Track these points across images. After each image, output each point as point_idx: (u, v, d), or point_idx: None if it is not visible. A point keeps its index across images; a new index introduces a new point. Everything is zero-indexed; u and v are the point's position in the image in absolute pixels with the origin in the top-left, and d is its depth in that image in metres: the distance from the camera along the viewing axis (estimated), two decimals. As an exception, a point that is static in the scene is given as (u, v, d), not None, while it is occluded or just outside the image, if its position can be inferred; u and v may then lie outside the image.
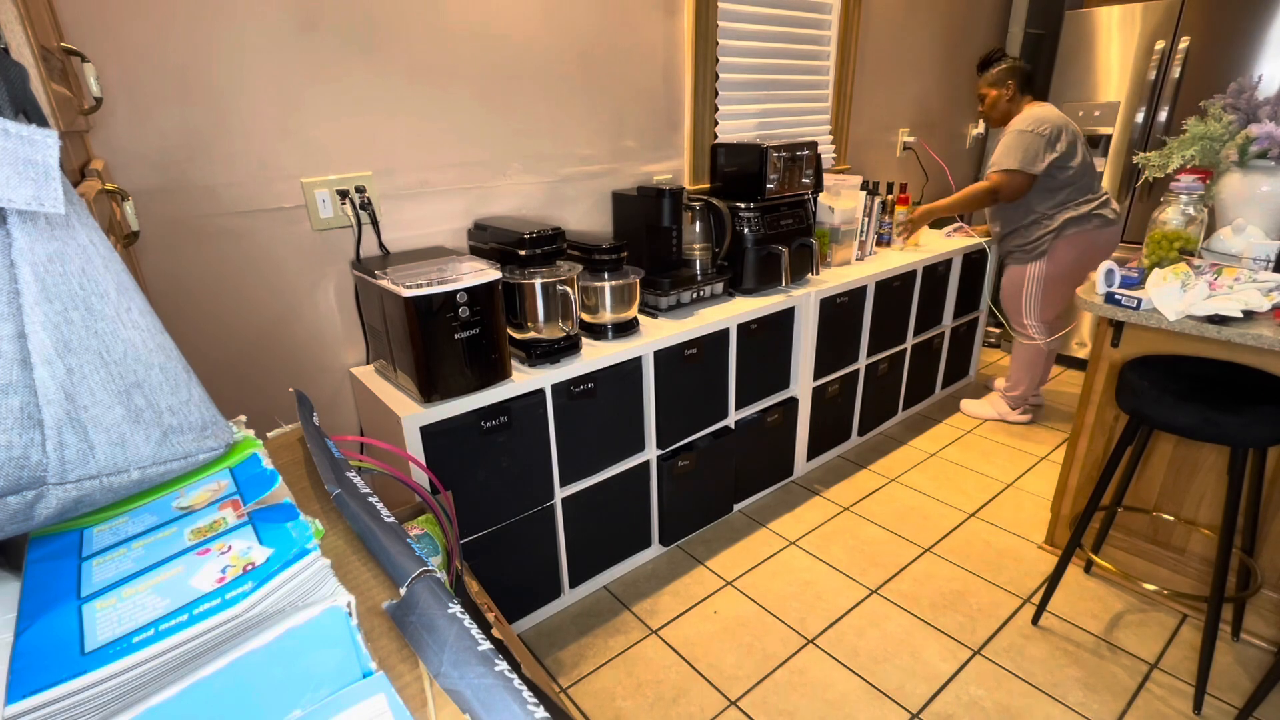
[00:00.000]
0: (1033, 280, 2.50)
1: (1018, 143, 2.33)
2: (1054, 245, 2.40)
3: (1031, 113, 2.34)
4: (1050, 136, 2.29)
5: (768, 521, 2.21)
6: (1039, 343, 2.57)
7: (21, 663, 0.37)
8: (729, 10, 2.21)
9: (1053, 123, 2.30)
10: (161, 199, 1.37)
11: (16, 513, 0.43)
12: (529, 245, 1.57)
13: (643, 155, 2.17)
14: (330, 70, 1.50)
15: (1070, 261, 2.41)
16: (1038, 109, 2.36)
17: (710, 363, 1.93)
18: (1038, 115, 2.32)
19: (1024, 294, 2.53)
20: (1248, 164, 1.66)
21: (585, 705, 1.55)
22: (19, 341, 0.41)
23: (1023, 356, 2.64)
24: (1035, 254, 2.46)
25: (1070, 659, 1.63)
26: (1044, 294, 2.50)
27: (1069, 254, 2.40)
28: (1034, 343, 2.58)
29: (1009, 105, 2.44)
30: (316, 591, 0.43)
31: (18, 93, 0.51)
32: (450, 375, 1.41)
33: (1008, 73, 2.41)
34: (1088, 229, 2.36)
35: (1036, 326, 2.56)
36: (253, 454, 0.59)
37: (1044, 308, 2.53)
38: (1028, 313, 2.56)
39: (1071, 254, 2.40)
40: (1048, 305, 2.53)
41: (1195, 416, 1.35)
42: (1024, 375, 2.68)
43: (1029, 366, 2.65)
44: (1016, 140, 2.33)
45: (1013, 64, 2.41)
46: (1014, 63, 2.41)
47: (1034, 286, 2.50)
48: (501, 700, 0.37)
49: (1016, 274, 2.54)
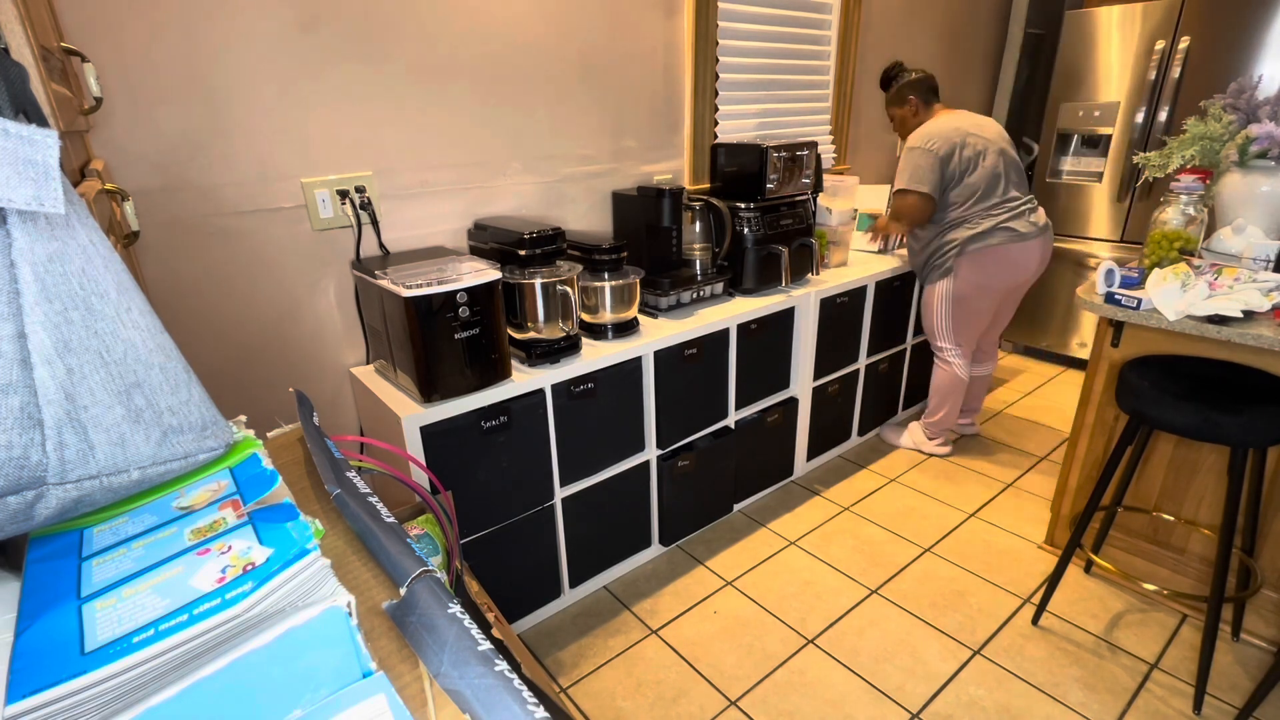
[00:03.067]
0: (943, 299, 2.31)
1: (906, 161, 2.17)
2: (958, 263, 2.22)
3: (924, 128, 2.17)
4: (941, 152, 2.11)
5: (768, 521, 2.21)
6: (954, 369, 2.39)
7: (21, 663, 0.37)
8: (729, 10, 2.21)
9: (943, 136, 2.11)
10: (161, 199, 1.37)
11: (16, 513, 0.43)
12: (529, 245, 1.57)
13: (643, 155, 2.17)
14: (330, 70, 1.50)
15: (977, 280, 2.22)
16: (932, 123, 2.18)
17: (710, 363, 1.93)
18: (928, 131, 2.15)
19: (935, 314, 2.35)
20: (1248, 164, 1.66)
21: (585, 705, 1.55)
22: (19, 341, 0.41)
23: (939, 381, 2.44)
24: (942, 271, 2.27)
25: (1070, 659, 1.63)
26: (955, 314, 2.31)
27: (975, 272, 2.21)
28: (950, 367, 2.40)
29: (916, 120, 2.26)
30: (316, 591, 0.43)
31: (18, 93, 0.51)
32: (450, 375, 1.41)
33: (907, 89, 2.25)
34: (991, 244, 2.15)
35: (952, 350, 2.37)
36: (253, 454, 0.59)
37: (957, 329, 2.34)
38: (942, 334, 2.37)
39: (978, 272, 2.20)
40: (961, 326, 2.33)
41: (1195, 416, 1.35)
42: (943, 402, 2.46)
43: (948, 393, 2.44)
44: (906, 159, 2.17)
45: (909, 78, 2.25)
46: (910, 76, 2.25)
47: (944, 306, 2.32)
48: (501, 700, 0.37)
49: (929, 293, 2.36)
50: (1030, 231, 2.15)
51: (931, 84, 2.25)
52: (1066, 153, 3.19)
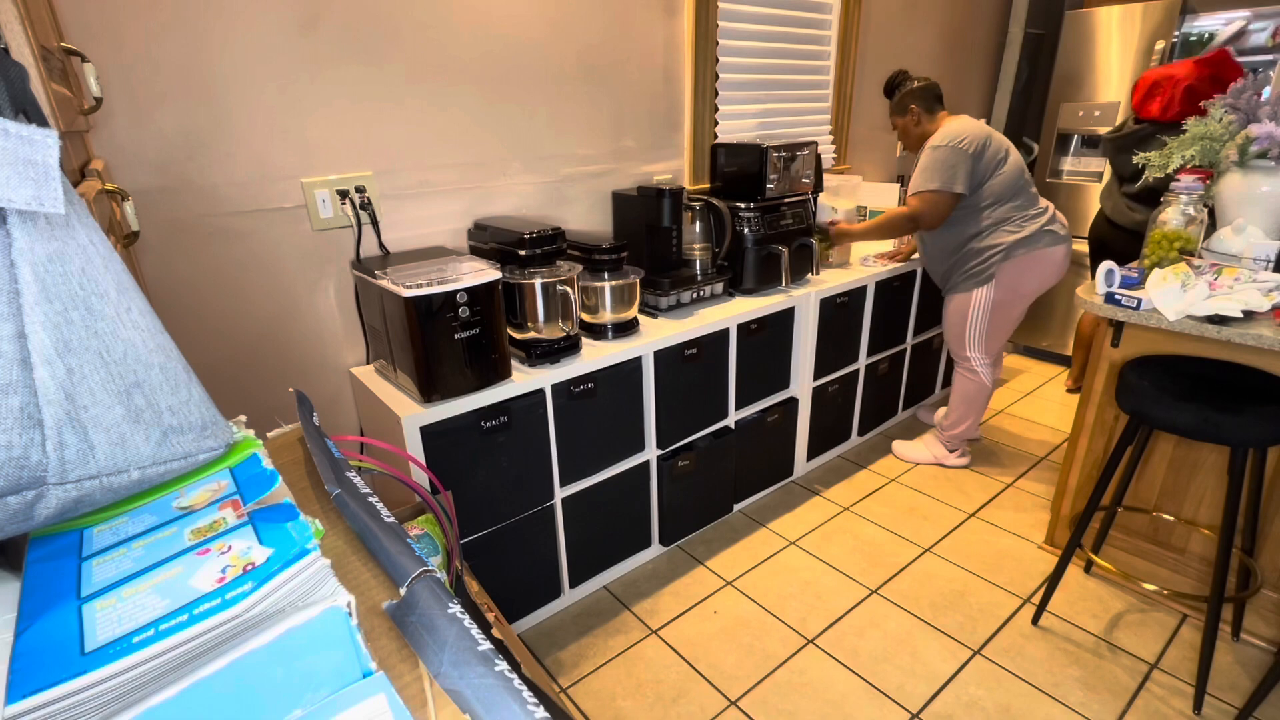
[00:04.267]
0: (979, 308, 2.21)
1: (934, 161, 2.08)
2: (1001, 268, 2.14)
3: (948, 128, 2.10)
4: (972, 150, 2.05)
5: (768, 521, 2.21)
6: (983, 378, 2.32)
7: (21, 663, 0.37)
8: (729, 10, 2.21)
9: (973, 135, 2.06)
10: (161, 199, 1.37)
11: (16, 513, 0.43)
12: (529, 245, 1.57)
13: (643, 155, 2.17)
14: (330, 70, 1.50)
15: (1020, 285, 2.16)
16: (954, 123, 2.12)
17: (710, 363, 1.93)
18: (954, 130, 2.08)
19: (969, 323, 2.26)
20: (1248, 164, 1.65)
21: (585, 705, 1.55)
22: (19, 341, 0.41)
23: (965, 391, 2.36)
24: (982, 279, 2.18)
25: (1070, 659, 1.63)
26: (991, 322, 2.23)
27: (1019, 277, 2.15)
28: (977, 377, 2.33)
29: (920, 129, 2.21)
30: (316, 591, 0.43)
31: (18, 93, 0.51)
32: (450, 375, 1.41)
33: (908, 97, 2.20)
34: (1038, 248, 2.11)
35: (980, 360, 2.30)
36: (253, 454, 0.59)
37: (990, 338, 2.26)
38: (972, 345, 2.29)
39: (1021, 277, 2.15)
40: (994, 335, 2.26)
41: (1195, 416, 1.35)
42: (967, 412, 2.39)
43: (972, 402, 2.37)
44: (932, 158, 2.09)
45: (911, 86, 2.19)
46: (913, 84, 2.20)
47: (980, 315, 2.22)
48: (501, 700, 0.37)
49: (961, 301, 2.25)
50: (1065, 233, 2.15)
51: (935, 91, 2.21)
52: (1066, 153, 3.19)
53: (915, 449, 2.54)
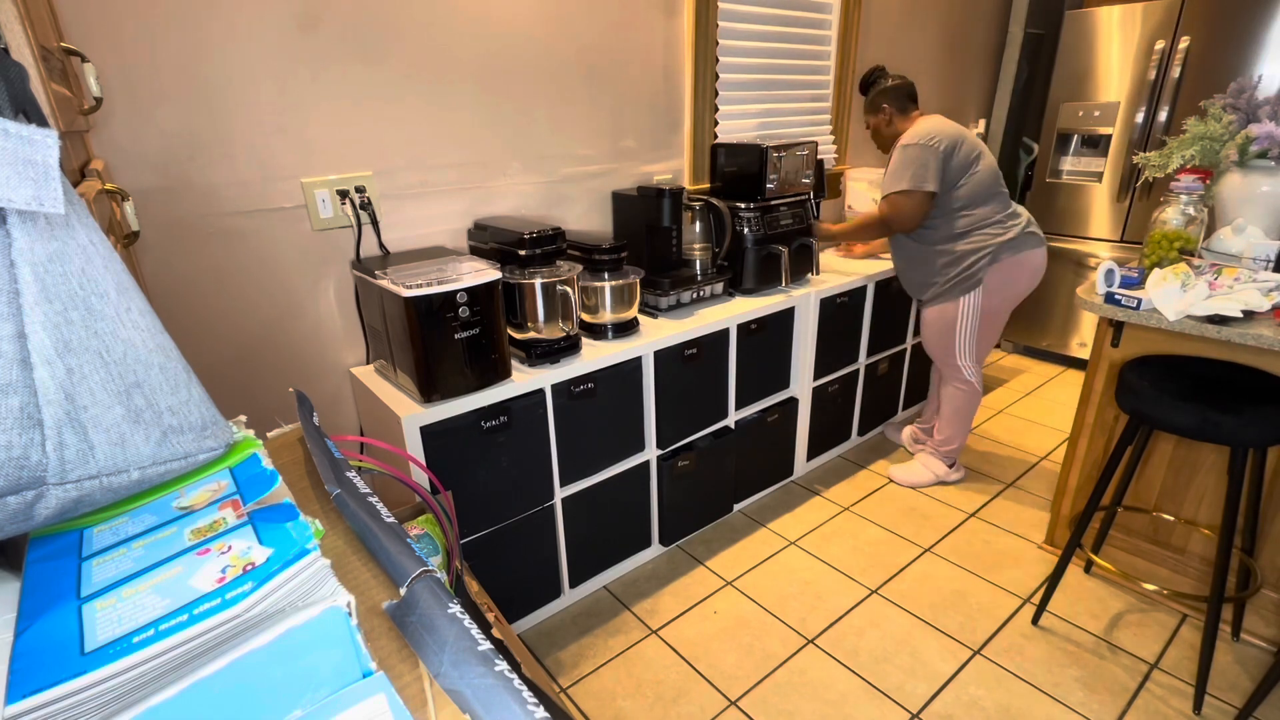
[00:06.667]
0: (967, 315, 2.14)
1: (904, 160, 2.01)
2: (989, 272, 2.07)
3: (918, 127, 2.04)
4: (943, 149, 1.99)
5: (768, 521, 2.21)
6: (975, 385, 2.26)
7: (21, 663, 0.37)
8: (729, 10, 2.21)
9: (944, 134, 2.00)
10: (161, 199, 1.37)
11: (16, 513, 0.43)
12: (529, 245, 1.57)
13: (643, 155, 2.17)
14: (330, 70, 1.50)
15: (1007, 289, 2.11)
16: (926, 122, 2.06)
17: (710, 363, 1.93)
18: (925, 129, 2.02)
19: (958, 331, 2.18)
20: (1248, 164, 1.66)
21: (585, 705, 1.55)
22: (19, 341, 0.41)
23: (957, 404, 2.29)
24: (968, 285, 2.10)
25: (1070, 659, 1.63)
26: (980, 329, 2.18)
27: (1005, 281, 2.09)
28: (969, 385, 2.26)
29: (892, 129, 2.16)
30: (316, 591, 0.43)
31: (18, 93, 0.51)
32: (450, 375, 1.41)
33: (880, 96, 2.14)
34: (1024, 251, 2.06)
35: (972, 368, 2.23)
36: (253, 454, 0.59)
37: (980, 345, 2.21)
38: (961, 353, 2.21)
39: (1008, 280, 2.09)
40: (984, 341, 2.22)
41: (1195, 416, 1.35)
42: (960, 424, 2.32)
43: (967, 414, 2.30)
44: (903, 157, 2.02)
45: (885, 85, 2.14)
46: (888, 82, 2.14)
47: (969, 322, 2.15)
48: (501, 700, 0.37)
49: (948, 310, 2.16)
50: (1042, 234, 2.12)
51: (909, 91, 2.15)
52: (1066, 153, 3.19)
53: (915, 472, 2.42)
